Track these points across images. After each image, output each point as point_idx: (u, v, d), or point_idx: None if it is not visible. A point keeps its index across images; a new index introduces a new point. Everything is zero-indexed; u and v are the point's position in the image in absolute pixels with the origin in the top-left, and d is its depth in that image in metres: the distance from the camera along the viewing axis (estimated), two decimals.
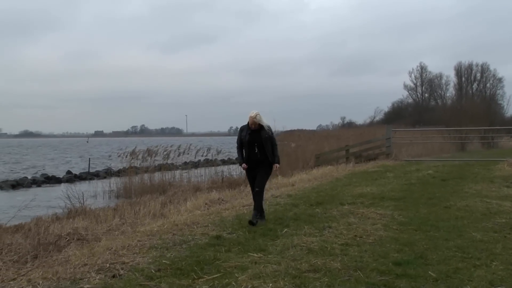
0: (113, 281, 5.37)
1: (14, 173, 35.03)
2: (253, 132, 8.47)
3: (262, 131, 8.44)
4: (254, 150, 8.44)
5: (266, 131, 8.47)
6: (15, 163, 47.47)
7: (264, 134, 8.44)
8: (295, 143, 29.02)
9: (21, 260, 6.78)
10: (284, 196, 11.79)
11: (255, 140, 8.44)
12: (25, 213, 12.47)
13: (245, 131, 8.54)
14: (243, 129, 8.62)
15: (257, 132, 8.45)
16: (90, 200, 16.59)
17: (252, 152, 8.47)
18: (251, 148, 8.47)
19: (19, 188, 26.38)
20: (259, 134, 8.44)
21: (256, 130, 8.46)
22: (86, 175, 31.03)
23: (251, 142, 8.46)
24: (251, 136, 8.46)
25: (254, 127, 8.44)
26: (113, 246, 6.90)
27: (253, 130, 8.47)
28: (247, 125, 8.54)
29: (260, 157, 8.46)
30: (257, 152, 8.44)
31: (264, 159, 8.48)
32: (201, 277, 5.46)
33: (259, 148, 8.44)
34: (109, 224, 9.53)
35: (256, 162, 8.49)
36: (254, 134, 8.45)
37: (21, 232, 8.96)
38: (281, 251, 6.53)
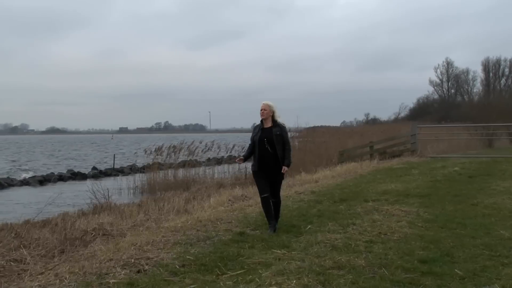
0: (138, 276, 5.42)
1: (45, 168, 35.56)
2: (265, 129, 7.77)
3: (274, 128, 7.71)
4: (265, 148, 7.61)
5: (278, 129, 7.71)
6: (45, 158, 48.19)
7: (276, 131, 7.67)
8: (318, 139, 28.91)
9: (49, 254, 6.87)
10: (308, 193, 11.75)
11: (266, 137, 7.67)
12: (52, 209, 12.65)
13: (258, 129, 7.86)
14: (256, 127, 7.98)
15: (269, 130, 7.73)
16: (115, 196, 16.75)
17: (263, 150, 7.64)
18: (262, 146, 7.65)
19: (46, 183, 26.83)
20: (271, 132, 7.70)
21: (268, 128, 7.74)
22: (111, 171, 31.37)
23: (262, 140, 7.67)
24: (263, 132, 7.74)
25: (263, 114, 7.72)
26: (138, 242, 6.95)
27: (265, 128, 7.76)
28: (261, 122, 7.86)
29: (271, 156, 7.62)
30: (267, 147, 7.61)
31: (276, 158, 7.66)
32: (225, 273, 5.47)
33: (270, 145, 7.63)
34: (134, 220, 9.61)
35: (267, 162, 7.64)
36: (266, 131, 7.73)
37: (48, 227, 9.08)
38: (305, 248, 6.51)
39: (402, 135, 25.60)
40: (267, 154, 7.61)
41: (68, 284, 5.20)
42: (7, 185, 25.43)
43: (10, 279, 5.66)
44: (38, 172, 31.79)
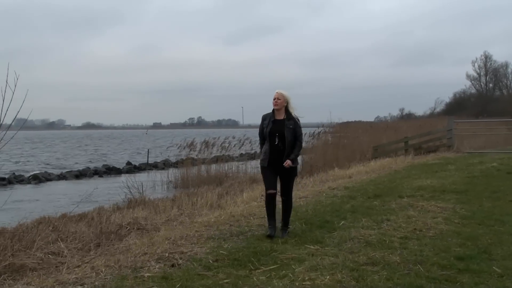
0: (172, 270, 5.47)
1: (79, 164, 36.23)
2: (276, 121, 6.99)
3: (287, 121, 6.94)
4: (274, 141, 6.92)
5: (292, 122, 6.94)
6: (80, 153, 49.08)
7: (289, 125, 6.91)
8: (351, 134, 28.69)
9: (85, 248, 6.99)
10: (341, 188, 11.67)
11: (278, 130, 6.93)
12: (88, 203, 12.88)
13: (268, 119, 7.05)
14: (265, 117, 7.11)
15: (281, 122, 6.96)
16: (149, 191, 16.95)
17: (274, 144, 6.95)
18: (273, 140, 6.95)
19: (82, 178, 27.33)
20: (283, 124, 6.93)
21: (281, 120, 6.97)
22: (145, 166, 31.75)
23: (273, 133, 6.94)
24: (274, 125, 6.96)
25: (276, 103, 6.94)
26: (171, 236, 7.02)
27: (277, 119, 6.99)
28: (272, 112, 7.06)
29: (282, 151, 6.92)
30: (278, 144, 6.90)
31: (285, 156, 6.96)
32: (258, 268, 5.48)
33: (281, 140, 6.91)
34: (168, 215, 9.69)
35: (278, 157, 6.93)
36: (278, 123, 6.96)
37: (84, 221, 9.23)
38: (338, 244, 6.46)
39: (438, 130, 25.18)
40: (278, 149, 6.92)
41: (104, 277, 5.28)
42: (45, 179, 26.02)
43: (49, 272, 5.78)
44: (75, 167, 32.41)
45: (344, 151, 23.35)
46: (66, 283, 5.10)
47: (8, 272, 5.71)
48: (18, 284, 5.25)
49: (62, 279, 5.23)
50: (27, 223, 8.74)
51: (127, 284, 5.02)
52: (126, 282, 5.07)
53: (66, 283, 5.09)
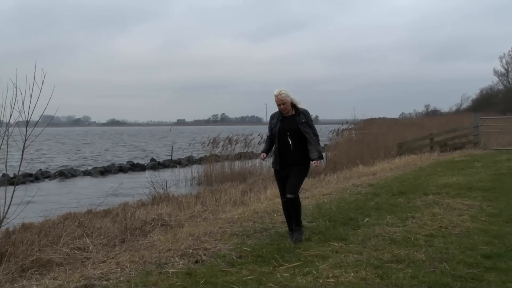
0: (196, 266, 5.49)
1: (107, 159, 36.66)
2: (285, 118, 6.56)
3: (297, 117, 6.51)
4: (286, 141, 6.48)
5: (302, 116, 6.50)
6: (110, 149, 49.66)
7: (301, 119, 6.46)
8: (376, 131, 28.46)
9: (110, 243, 7.07)
10: (365, 185, 11.58)
11: (288, 128, 6.48)
12: (112, 199, 13.02)
13: (276, 118, 6.62)
14: (273, 116, 6.69)
15: (291, 119, 6.53)
16: (173, 187, 17.05)
17: (284, 144, 6.50)
18: (283, 140, 6.50)
19: (107, 174, 27.63)
20: (293, 121, 6.50)
21: (290, 116, 6.55)
22: (169, 163, 31.93)
23: (283, 131, 6.50)
24: (283, 123, 6.53)
25: (283, 108, 6.50)
26: (195, 232, 7.05)
27: (286, 116, 6.57)
28: (279, 111, 6.63)
29: (294, 151, 6.48)
30: (290, 144, 6.46)
31: (301, 154, 6.51)
32: (281, 265, 5.47)
33: (293, 138, 6.47)
34: (192, 211, 9.74)
35: (290, 158, 6.51)
36: (287, 121, 6.53)
37: (109, 217, 9.34)
38: (363, 241, 6.42)
39: (464, 127, 24.84)
40: (290, 149, 6.47)
41: (128, 272, 5.33)
42: (71, 175, 26.37)
43: (74, 267, 5.86)
44: (100, 163, 32.79)
45: (368, 148, 23.16)
46: (92, 278, 5.16)
47: (35, 267, 5.81)
48: (45, 278, 5.33)
49: (88, 274, 5.29)
50: (54, 219, 8.88)
51: (152, 280, 5.06)
52: (151, 278, 5.10)
53: (92, 278, 5.15)
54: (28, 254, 6.09)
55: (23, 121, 6.57)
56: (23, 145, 6.62)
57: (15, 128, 6.60)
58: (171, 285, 4.89)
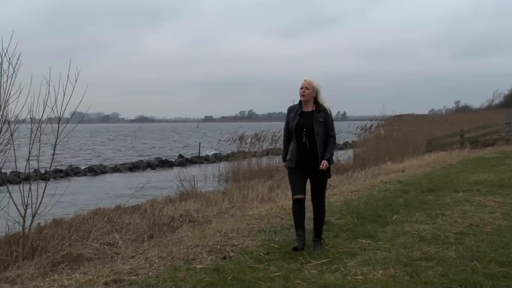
0: (224, 263, 5.51)
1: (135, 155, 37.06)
2: (304, 114, 6.01)
3: (317, 113, 5.97)
4: (302, 138, 5.96)
5: (322, 114, 5.95)
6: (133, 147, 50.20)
7: (319, 118, 5.92)
8: (405, 127, 28.15)
9: (139, 239, 7.13)
10: (394, 182, 11.47)
11: (305, 124, 5.95)
12: (141, 195, 13.12)
13: (294, 112, 6.08)
14: (291, 109, 6.15)
15: (310, 115, 5.98)
16: (201, 184, 17.12)
17: (301, 142, 5.98)
18: (300, 135, 5.98)
19: (135, 170, 27.95)
20: (311, 117, 5.95)
21: (309, 112, 6.00)
22: (197, 159, 32.11)
23: (299, 127, 5.97)
24: (301, 118, 5.98)
25: (303, 94, 5.97)
26: (223, 229, 7.07)
27: (305, 112, 6.02)
28: (299, 104, 6.10)
29: (310, 151, 5.94)
30: (305, 141, 5.93)
31: (316, 154, 5.95)
32: (309, 262, 5.46)
33: (309, 136, 5.93)
34: (219, 207, 9.77)
35: (307, 158, 5.98)
36: (305, 116, 5.98)
37: (138, 213, 9.42)
38: (391, 238, 6.36)
39: (496, 123, 24.36)
40: (306, 146, 5.96)
41: (157, 268, 5.38)
42: (100, 171, 26.74)
43: (104, 262, 5.93)
44: (128, 159, 33.14)
45: (397, 145, 22.92)
46: (121, 273, 5.22)
47: (66, 262, 5.90)
48: (75, 273, 5.41)
49: (117, 269, 5.35)
50: (84, 214, 8.99)
51: (180, 275, 5.09)
52: (179, 274, 5.14)
53: (121, 273, 5.21)
54: (59, 249, 6.19)
55: (55, 118, 6.67)
56: (55, 142, 6.73)
57: (47, 124, 6.71)
58: (199, 281, 4.92)
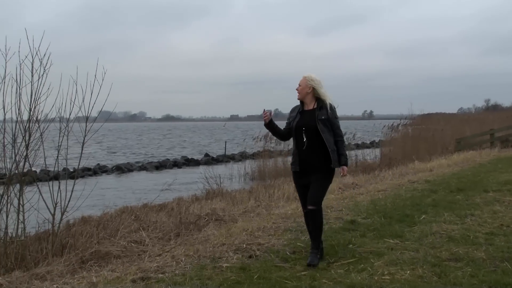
0: (250, 262, 5.51)
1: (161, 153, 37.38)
2: (305, 112, 5.53)
3: (318, 111, 5.45)
4: (303, 139, 5.45)
5: (324, 112, 5.43)
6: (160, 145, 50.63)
7: (321, 115, 5.40)
8: (433, 126, 27.80)
9: (165, 237, 7.18)
10: (422, 182, 11.33)
11: (305, 123, 5.44)
12: (167, 193, 13.23)
13: (296, 111, 5.61)
14: (294, 109, 5.68)
15: (311, 113, 5.48)
16: (227, 182, 17.19)
17: (301, 143, 5.48)
18: (300, 138, 5.48)
19: (162, 169, 28.18)
20: (313, 115, 5.45)
21: (310, 110, 5.51)
22: (223, 158, 32.24)
23: (299, 127, 5.47)
24: (302, 117, 5.50)
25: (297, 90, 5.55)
26: (249, 228, 7.07)
27: (306, 110, 5.54)
28: (300, 103, 5.63)
29: (313, 153, 5.40)
30: (305, 141, 5.42)
31: (322, 157, 5.39)
32: (336, 261, 5.42)
33: (309, 137, 5.40)
34: (245, 206, 9.78)
35: (308, 161, 5.44)
36: (306, 115, 5.50)
37: (164, 211, 9.50)
38: (419, 238, 6.28)
39: None
40: (308, 149, 5.42)
41: (184, 266, 5.40)
42: (127, 170, 27.03)
43: (131, 259, 5.99)
44: (155, 158, 33.44)
45: (424, 144, 22.66)
46: (148, 271, 5.26)
47: (94, 259, 5.97)
48: (103, 270, 5.47)
49: (144, 267, 5.40)
50: (111, 212, 9.11)
51: (206, 273, 5.11)
52: (205, 272, 5.16)
53: (148, 271, 5.25)
54: (88, 246, 6.27)
55: (83, 117, 6.76)
56: (83, 140, 6.81)
57: (74, 123, 6.79)
58: (225, 279, 4.93)
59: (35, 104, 6.41)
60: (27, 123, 6.39)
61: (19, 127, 6.40)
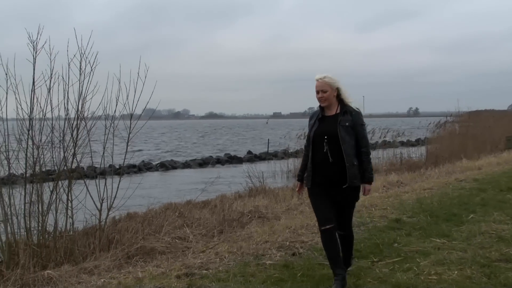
0: (293, 259, 5.50)
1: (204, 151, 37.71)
2: (325, 119, 4.68)
3: (341, 116, 4.61)
4: (322, 147, 4.59)
5: (348, 117, 4.59)
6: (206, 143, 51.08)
7: (344, 122, 4.57)
8: (481, 124, 27.11)
9: (209, 234, 7.23)
10: (470, 180, 11.05)
11: (327, 131, 4.60)
12: (211, 190, 13.31)
13: (315, 118, 4.76)
14: (312, 115, 4.83)
15: (333, 119, 4.63)
16: (269, 180, 17.15)
17: (321, 154, 4.60)
18: (319, 146, 4.62)
19: (205, 166, 28.44)
20: (335, 122, 4.60)
21: (331, 117, 4.66)
22: (265, 156, 32.23)
23: (319, 135, 4.63)
24: (322, 124, 4.67)
25: (321, 98, 4.66)
26: (292, 225, 7.05)
27: (326, 116, 4.69)
28: (319, 108, 4.77)
29: (331, 167, 4.56)
30: (326, 151, 4.55)
31: (341, 171, 4.54)
32: (380, 260, 5.35)
33: (332, 147, 4.55)
34: (288, 204, 9.74)
35: (328, 175, 4.59)
36: (327, 122, 4.65)
37: (208, 208, 9.56)
38: (467, 238, 6.13)
39: None
40: (327, 161, 4.56)
41: (227, 263, 5.43)
42: (171, 167, 27.36)
43: (176, 255, 6.05)
44: (199, 155, 33.75)
45: (473, 142, 22.11)
46: (192, 267, 5.31)
47: (139, 254, 6.06)
48: (148, 266, 5.55)
49: (188, 263, 5.45)
50: (156, 209, 9.22)
51: (250, 270, 5.12)
52: (249, 269, 5.17)
53: (192, 267, 5.30)
54: (133, 242, 6.36)
55: (127, 114, 6.86)
56: (128, 137, 6.92)
57: (120, 121, 6.91)
58: (268, 276, 4.92)
59: (83, 102, 6.55)
60: (74, 120, 6.53)
61: (67, 125, 6.54)
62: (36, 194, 6.24)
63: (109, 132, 6.84)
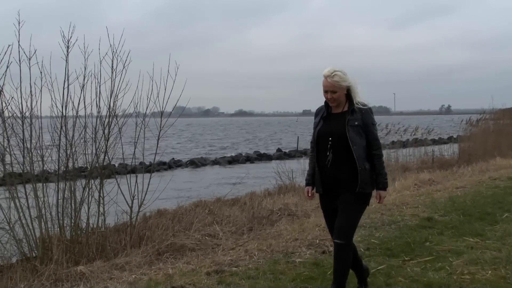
0: (323, 257, 5.47)
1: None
2: (331, 116, 4.24)
3: (350, 115, 4.14)
4: (327, 149, 4.16)
5: (358, 116, 4.12)
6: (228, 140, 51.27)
7: (353, 121, 4.11)
8: None
9: (238, 231, 7.24)
10: (504, 179, 10.85)
11: (333, 130, 4.17)
12: (240, 188, 13.34)
13: (320, 116, 4.32)
14: (318, 112, 4.38)
15: (340, 117, 4.18)
16: (299, 178, 17.09)
17: (326, 156, 4.17)
18: (325, 147, 4.18)
19: (234, 164, 28.52)
20: (342, 120, 4.15)
21: (339, 114, 4.21)
22: (295, 153, 32.16)
23: (324, 135, 4.20)
24: (327, 123, 4.23)
25: (331, 99, 4.16)
26: (322, 223, 6.99)
27: (333, 114, 4.24)
28: (325, 104, 4.29)
29: (342, 168, 4.13)
30: (329, 154, 4.14)
31: (348, 174, 4.12)
32: (412, 259, 5.29)
33: (336, 149, 4.13)
34: (318, 201, 9.66)
35: (335, 178, 4.18)
36: (334, 120, 4.21)
37: (237, 205, 9.56)
38: (501, 237, 6.02)
39: None
40: (334, 164, 4.14)
41: (257, 260, 5.43)
42: (201, 164, 27.55)
43: (205, 252, 6.08)
44: (228, 153, 33.90)
45: (507, 139, 21.63)
46: (222, 264, 5.33)
47: (170, 251, 6.11)
48: (179, 262, 5.59)
49: (218, 260, 5.47)
50: (186, 206, 9.27)
51: (279, 268, 5.11)
52: (278, 266, 5.16)
53: (222, 264, 5.31)
54: (164, 239, 6.41)
55: (158, 112, 6.92)
56: (158, 135, 6.97)
57: (150, 118, 6.97)
58: (298, 274, 4.91)
59: (114, 99, 6.62)
60: (106, 118, 6.61)
61: (99, 122, 6.62)
62: (69, 191, 6.33)
63: (140, 130, 6.91)
